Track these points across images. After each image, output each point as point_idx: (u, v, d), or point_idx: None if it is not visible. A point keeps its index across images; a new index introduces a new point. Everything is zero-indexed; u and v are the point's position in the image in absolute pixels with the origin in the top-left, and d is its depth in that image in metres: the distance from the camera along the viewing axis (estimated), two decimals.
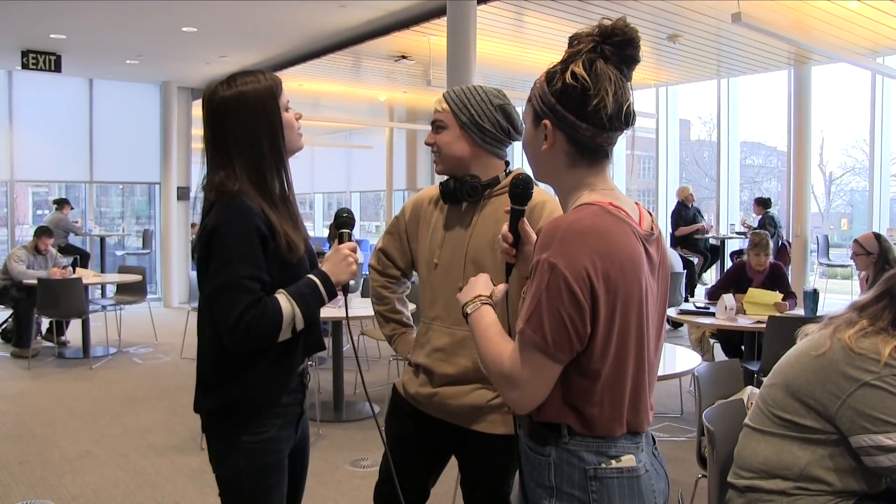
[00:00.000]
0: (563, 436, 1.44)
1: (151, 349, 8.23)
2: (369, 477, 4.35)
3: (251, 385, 1.86)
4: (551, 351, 1.36)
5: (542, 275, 1.36)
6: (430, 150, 2.20)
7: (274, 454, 1.90)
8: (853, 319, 2.12)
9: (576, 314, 1.34)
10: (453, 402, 2.14)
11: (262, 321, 1.76)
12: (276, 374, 1.88)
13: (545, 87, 1.47)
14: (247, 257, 1.78)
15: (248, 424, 1.87)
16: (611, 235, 1.38)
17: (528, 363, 1.37)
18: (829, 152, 16.26)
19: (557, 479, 1.45)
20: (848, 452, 2.05)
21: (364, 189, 18.24)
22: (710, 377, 3.14)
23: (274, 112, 1.87)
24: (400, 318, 2.43)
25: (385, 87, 11.59)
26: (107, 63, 10.36)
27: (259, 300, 1.77)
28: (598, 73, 1.41)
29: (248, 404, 1.87)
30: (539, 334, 1.35)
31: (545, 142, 1.48)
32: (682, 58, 9.24)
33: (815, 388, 2.06)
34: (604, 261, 1.35)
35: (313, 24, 8.09)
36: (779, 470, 2.11)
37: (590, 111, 1.42)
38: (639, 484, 1.45)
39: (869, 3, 6.81)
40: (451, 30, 6.41)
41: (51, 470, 4.47)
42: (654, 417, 1.58)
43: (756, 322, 4.91)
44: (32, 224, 13.06)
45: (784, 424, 2.12)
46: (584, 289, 1.34)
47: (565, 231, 1.37)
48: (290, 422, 1.95)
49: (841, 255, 11.79)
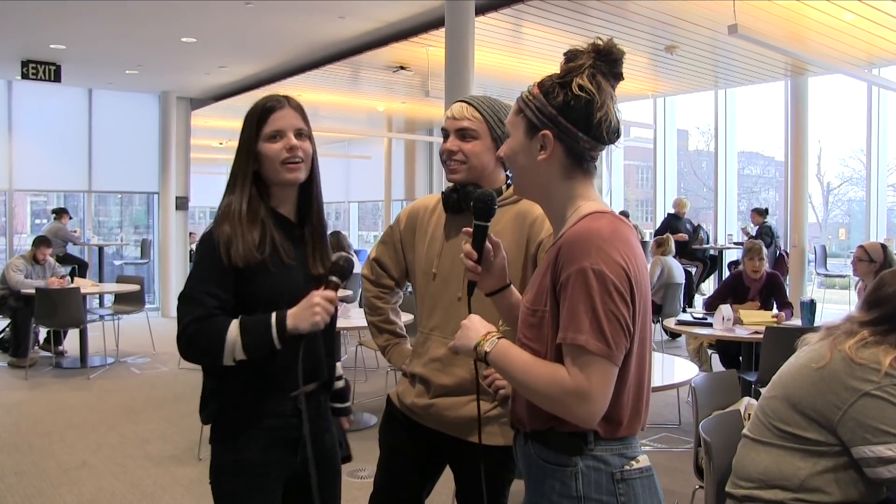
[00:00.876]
0: (589, 443, 1.46)
1: (149, 359, 8.21)
2: (366, 488, 4.32)
3: (225, 404, 1.86)
4: (615, 355, 1.38)
5: (588, 282, 1.37)
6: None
7: (254, 477, 1.84)
8: (853, 330, 2.12)
9: (628, 314, 1.39)
10: (450, 414, 2.13)
11: (202, 337, 1.75)
12: (250, 396, 1.85)
13: (543, 99, 1.49)
14: (207, 273, 1.80)
15: (226, 442, 1.86)
16: (630, 240, 1.45)
17: (596, 373, 1.37)
18: (826, 162, 16.29)
19: (585, 487, 1.46)
20: (849, 464, 2.05)
21: (362, 199, 18.26)
22: (708, 388, 3.14)
23: (249, 136, 1.87)
24: (393, 329, 2.40)
25: (383, 97, 11.62)
26: (106, 73, 10.39)
27: (209, 316, 1.76)
28: (601, 87, 1.47)
29: (222, 422, 1.87)
30: (603, 342, 1.36)
31: (542, 152, 1.51)
32: (679, 69, 9.28)
33: (817, 399, 2.06)
34: (631, 263, 1.42)
35: (312, 35, 8.13)
36: (778, 480, 2.10)
37: (594, 123, 1.47)
38: (654, 482, 1.51)
39: (864, 15, 6.86)
40: (449, 41, 6.44)
41: (47, 481, 4.46)
42: (652, 428, 1.61)
43: (753, 332, 4.91)
44: (30, 233, 13.07)
45: (785, 436, 2.12)
46: (626, 289, 1.39)
47: (597, 238, 1.41)
48: (278, 445, 1.87)
49: (839, 265, 11.81)
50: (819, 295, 10.09)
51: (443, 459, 2.27)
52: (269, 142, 1.85)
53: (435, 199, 2.27)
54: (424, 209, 2.29)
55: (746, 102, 12.43)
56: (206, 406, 1.91)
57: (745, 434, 2.28)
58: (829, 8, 6.63)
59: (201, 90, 11.75)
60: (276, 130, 1.85)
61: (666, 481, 1.63)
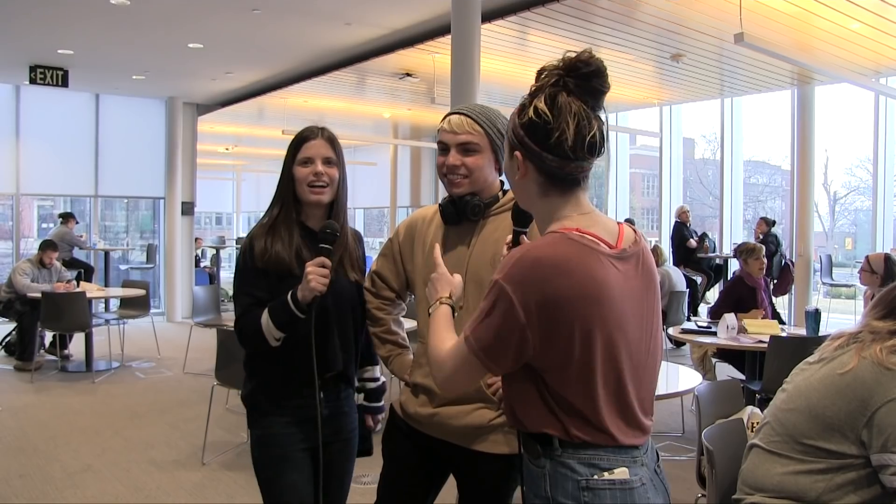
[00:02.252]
0: (555, 448, 1.51)
1: (154, 364, 8.23)
2: (369, 494, 4.31)
3: (256, 385, 2.28)
4: (485, 361, 1.51)
5: (493, 294, 1.48)
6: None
7: (276, 447, 2.23)
8: (878, 337, 2.11)
9: (516, 335, 1.46)
10: (454, 423, 2.13)
11: (247, 327, 2.19)
12: (274, 379, 2.25)
13: (516, 120, 1.55)
14: (242, 275, 2.23)
15: (256, 419, 2.27)
16: (567, 262, 1.45)
17: (461, 361, 1.54)
18: (833, 171, 16.26)
19: (553, 489, 1.51)
20: (867, 478, 2.03)
21: (368, 206, 18.28)
22: (711, 396, 3.13)
23: (286, 159, 2.26)
24: (396, 339, 2.39)
25: (389, 104, 11.65)
26: (113, 78, 10.44)
27: (245, 312, 2.19)
28: (560, 107, 1.49)
29: (253, 401, 2.28)
30: (479, 345, 1.50)
31: (518, 171, 1.57)
32: (685, 77, 9.28)
33: (842, 406, 2.04)
34: (554, 286, 1.43)
35: (319, 41, 8.16)
36: (793, 493, 2.08)
37: (552, 143, 1.50)
38: (632, 496, 1.49)
39: (870, 24, 6.85)
40: (455, 48, 6.45)
41: (52, 484, 4.47)
42: (656, 436, 1.61)
43: (758, 342, 4.90)
44: (37, 237, 13.12)
45: (805, 450, 2.09)
46: (528, 314, 1.44)
47: (520, 258, 1.47)
48: (299, 421, 2.23)
49: (844, 274, 11.77)
50: (824, 304, 10.07)
51: (447, 468, 2.27)
52: (301, 166, 2.23)
53: (433, 210, 2.28)
54: (422, 220, 2.29)
55: (752, 111, 12.45)
56: (245, 389, 2.31)
57: (756, 444, 2.24)
58: (836, 17, 6.63)
59: (208, 96, 11.79)
60: (307, 157, 2.22)
61: (669, 489, 1.63)
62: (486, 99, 8.40)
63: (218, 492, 4.28)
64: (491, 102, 10.24)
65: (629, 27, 6.98)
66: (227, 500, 4.16)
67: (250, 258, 2.21)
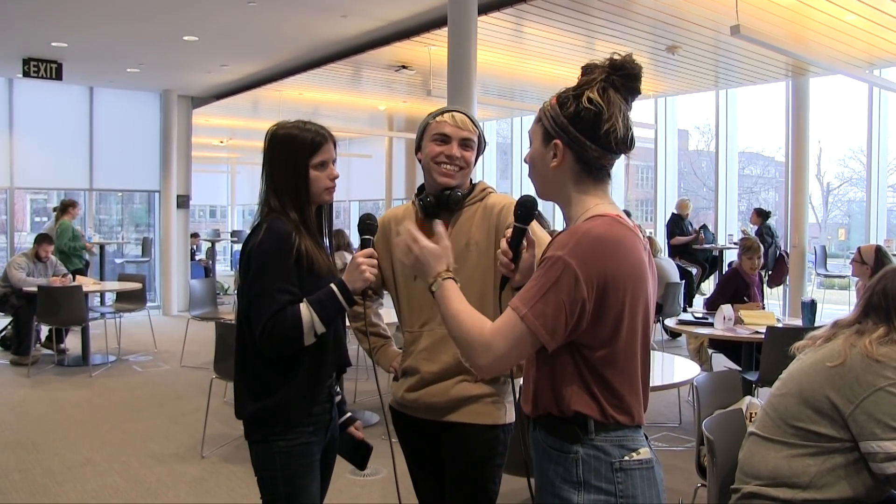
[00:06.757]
0: (589, 432, 1.55)
1: (151, 357, 8.23)
2: (369, 486, 4.36)
3: (286, 396, 2.12)
4: (546, 338, 1.50)
5: (555, 270, 1.50)
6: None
7: (306, 457, 2.16)
8: (866, 328, 2.17)
9: (577, 310, 1.48)
10: (439, 399, 2.25)
11: (284, 326, 2.03)
12: (307, 387, 2.14)
13: (557, 110, 1.61)
14: (278, 271, 2.07)
15: (284, 431, 2.12)
16: (622, 242, 1.54)
17: (516, 339, 1.51)
18: (826, 163, 16.30)
19: (586, 473, 1.55)
20: (857, 461, 2.09)
21: (363, 198, 18.26)
22: (709, 387, 3.16)
23: (300, 162, 2.16)
24: (377, 331, 2.51)
25: (385, 96, 11.62)
26: (107, 71, 10.39)
27: (283, 308, 2.04)
28: (611, 101, 1.57)
29: (283, 413, 2.12)
30: (541, 321, 1.49)
31: (554, 159, 1.62)
32: (680, 69, 9.29)
33: (831, 393, 2.10)
34: (615, 264, 1.51)
35: (314, 34, 8.13)
36: (787, 478, 2.14)
37: (601, 134, 1.57)
38: (653, 474, 1.58)
39: (865, 16, 6.87)
40: (451, 40, 6.45)
41: (51, 478, 4.48)
42: (653, 427, 1.67)
43: (754, 332, 4.93)
44: (30, 231, 13.07)
45: (796, 433, 2.16)
46: (590, 289, 1.48)
47: (582, 236, 1.52)
48: (320, 429, 2.19)
49: (838, 265, 11.82)
50: (819, 295, 10.11)
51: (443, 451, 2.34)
52: (317, 170, 2.18)
53: (402, 209, 2.44)
54: (394, 218, 2.42)
55: (747, 103, 12.43)
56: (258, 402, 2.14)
57: (753, 431, 2.31)
58: (831, 9, 6.65)
59: (203, 88, 11.75)
60: (322, 161, 2.19)
61: (667, 480, 1.66)
62: (482, 92, 8.40)
63: (218, 484, 4.29)
64: (487, 95, 10.28)
65: (626, 19, 6.97)
66: (227, 493, 4.17)
67: (293, 255, 2.09)
